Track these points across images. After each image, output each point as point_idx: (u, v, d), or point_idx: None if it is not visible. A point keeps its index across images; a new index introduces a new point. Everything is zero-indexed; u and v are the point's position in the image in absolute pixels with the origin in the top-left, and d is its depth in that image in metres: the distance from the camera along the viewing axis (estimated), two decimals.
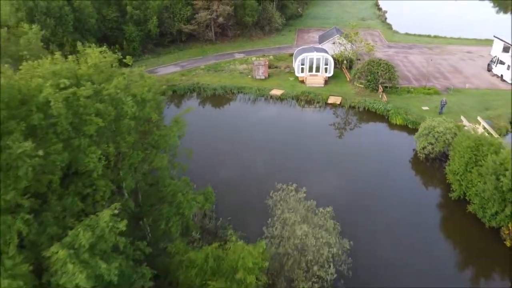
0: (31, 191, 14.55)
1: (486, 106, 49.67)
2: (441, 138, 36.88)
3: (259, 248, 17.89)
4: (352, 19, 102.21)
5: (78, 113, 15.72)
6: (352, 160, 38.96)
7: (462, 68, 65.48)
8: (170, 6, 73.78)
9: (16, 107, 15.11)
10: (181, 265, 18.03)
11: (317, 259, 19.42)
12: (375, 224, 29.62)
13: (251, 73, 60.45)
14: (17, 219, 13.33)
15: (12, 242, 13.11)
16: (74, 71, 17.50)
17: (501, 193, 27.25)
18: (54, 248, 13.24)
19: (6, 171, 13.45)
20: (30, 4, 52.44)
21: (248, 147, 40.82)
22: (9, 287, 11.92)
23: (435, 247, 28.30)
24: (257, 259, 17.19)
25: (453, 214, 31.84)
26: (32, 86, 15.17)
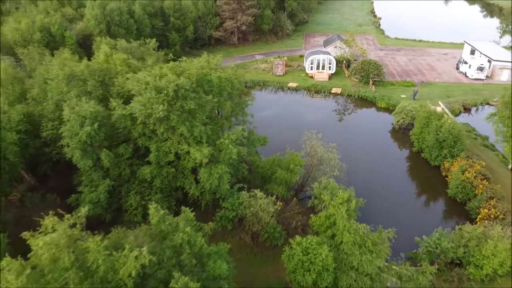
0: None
1: (448, 95, 67.05)
2: (409, 114, 54.30)
3: (298, 156, 35.32)
4: (351, 25, 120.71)
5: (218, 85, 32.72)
6: (348, 130, 56.45)
7: (437, 67, 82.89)
8: (203, 16, 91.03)
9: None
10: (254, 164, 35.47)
11: (329, 167, 36.74)
12: (363, 164, 46.84)
13: (271, 71, 77.91)
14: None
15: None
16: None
17: (439, 143, 44.64)
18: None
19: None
20: (107, 19, 69.76)
21: (280, 117, 58.30)
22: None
23: (402, 177, 45.79)
24: (299, 160, 34.67)
25: (413, 160, 49.24)
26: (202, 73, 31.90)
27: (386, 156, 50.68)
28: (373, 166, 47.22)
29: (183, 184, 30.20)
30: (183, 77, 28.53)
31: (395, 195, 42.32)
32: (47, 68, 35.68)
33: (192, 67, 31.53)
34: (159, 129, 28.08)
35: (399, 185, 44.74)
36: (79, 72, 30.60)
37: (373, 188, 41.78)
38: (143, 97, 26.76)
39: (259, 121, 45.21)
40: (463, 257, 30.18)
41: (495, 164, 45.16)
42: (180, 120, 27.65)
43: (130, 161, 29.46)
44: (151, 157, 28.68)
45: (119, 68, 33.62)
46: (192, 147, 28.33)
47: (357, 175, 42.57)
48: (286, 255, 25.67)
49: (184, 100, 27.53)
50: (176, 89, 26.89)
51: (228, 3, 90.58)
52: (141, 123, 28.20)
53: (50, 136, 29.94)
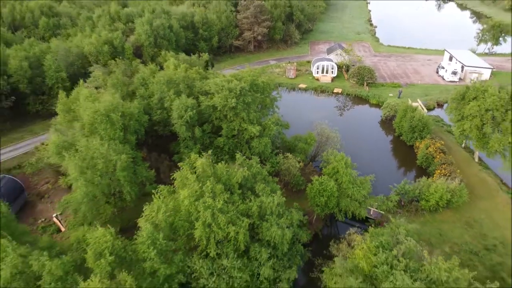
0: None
1: (427, 94, 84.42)
2: (393, 108, 71.73)
3: (312, 134, 52.76)
4: (350, 33, 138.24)
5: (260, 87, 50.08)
6: (347, 120, 73.83)
7: (420, 71, 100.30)
8: (225, 28, 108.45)
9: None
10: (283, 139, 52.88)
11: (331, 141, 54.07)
12: (357, 144, 64.03)
13: (284, 74, 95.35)
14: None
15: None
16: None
17: (412, 128, 61.95)
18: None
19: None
20: (154, 33, 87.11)
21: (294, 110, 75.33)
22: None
23: (386, 152, 63.24)
24: (313, 137, 52.11)
25: (395, 141, 66.60)
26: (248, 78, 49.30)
27: (375, 138, 68.25)
28: (364, 145, 64.71)
29: (241, 149, 47.41)
30: (242, 82, 46.01)
31: (380, 163, 59.62)
32: (143, 75, 53.21)
33: (245, 74, 49.03)
34: (229, 114, 45.42)
35: (383, 157, 62.21)
36: (176, 78, 48.07)
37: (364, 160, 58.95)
38: (221, 94, 44.19)
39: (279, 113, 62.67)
40: (418, 196, 47.57)
41: (452, 143, 62.53)
42: (242, 108, 45.08)
43: (209, 135, 46.78)
44: (223, 132, 46.06)
45: (195, 75, 51.06)
46: (248, 125, 45.75)
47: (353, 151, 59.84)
48: (309, 188, 43.08)
49: (244, 96, 44.97)
50: (240, 89, 44.37)
51: (247, 17, 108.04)
52: (218, 111, 45.61)
53: (158, 119, 47.25)
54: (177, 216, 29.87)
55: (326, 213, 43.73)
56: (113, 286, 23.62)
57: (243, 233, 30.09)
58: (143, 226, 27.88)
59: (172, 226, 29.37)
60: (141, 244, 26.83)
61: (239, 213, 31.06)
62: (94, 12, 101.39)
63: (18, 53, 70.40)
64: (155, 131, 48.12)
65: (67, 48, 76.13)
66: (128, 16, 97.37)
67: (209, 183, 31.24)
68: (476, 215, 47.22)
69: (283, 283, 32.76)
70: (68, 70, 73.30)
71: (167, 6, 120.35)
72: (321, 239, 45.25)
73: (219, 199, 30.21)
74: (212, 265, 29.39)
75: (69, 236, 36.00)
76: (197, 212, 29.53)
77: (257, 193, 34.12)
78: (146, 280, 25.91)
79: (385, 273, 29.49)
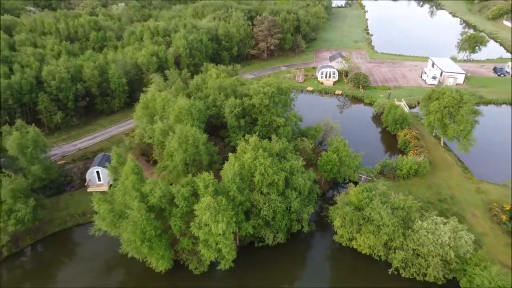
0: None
1: (410, 95, 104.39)
2: (382, 106, 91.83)
3: (320, 125, 72.85)
4: (349, 42, 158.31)
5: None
6: (346, 116, 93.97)
7: (407, 75, 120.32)
8: (243, 39, 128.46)
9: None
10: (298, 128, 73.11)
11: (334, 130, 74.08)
12: (353, 133, 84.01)
13: (294, 78, 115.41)
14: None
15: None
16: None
17: (395, 121, 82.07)
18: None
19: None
20: (190, 46, 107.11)
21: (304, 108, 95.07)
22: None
23: (375, 139, 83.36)
24: (320, 127, 72.22)
25: (382, 131, 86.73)
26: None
27: (367, 129, 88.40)
28: (359, 134, 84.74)
29: (271, 135, 67.13)
30: (272, 87, 66.18)
31: (370, 147, 79.40)
32: (197, 82, 73.40)
33: (272, 81, 69.24)
34: (263, 110, 65.40)
35: (373, 143, 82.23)
36: (224, 85, 68.19)
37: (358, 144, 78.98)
38: (258, 96, 64.25)
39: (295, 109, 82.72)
40: (395, 167, 67.54)
41: (425, 132, 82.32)
42: (272, 106, 65.12)
43: (249, 124, 66.80)
44: (259, 122, 66.04)
45: (236, 82, 71.19)
46: (276, 118, 65.77)
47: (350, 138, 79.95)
48: (319, 160, 63.16)
49: (273, 97, 65.05)
50: (271, 93, 64.52)
51: (262, 30, 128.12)
52: (255, 107, 65.61)
53: (212, 113, 67.24)
54: (243, 169, 49.77)
55: (331, 177, 63.89)
56: (215, 204, 43.43)
57: (282, 180, 50.04)
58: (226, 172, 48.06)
59: (241, 175, 49.20)
60: (227, 182, 46.83)
61: (278, 169, 51.05)
62: (136, 27, 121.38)
63: (89, 63, 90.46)
64: (210, 122, 68.08)
65: (123, 59, 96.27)
66: (165, 31, 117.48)
67: (260, 151, 51.27)
68: (436, 180, 67.27)
69: (304, 214, 52.77)
70: (126, 76, 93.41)
71: (191, 19, 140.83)
72: (327, 196, 65.33)
73: (267, 160, 50.18)
74: (264, 198, 49.37)
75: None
76: (255, 167, 49.48)
77: (288, 159, 54.21)
78: (230, 203, 45.76)
79: (367, 203, 49.63)
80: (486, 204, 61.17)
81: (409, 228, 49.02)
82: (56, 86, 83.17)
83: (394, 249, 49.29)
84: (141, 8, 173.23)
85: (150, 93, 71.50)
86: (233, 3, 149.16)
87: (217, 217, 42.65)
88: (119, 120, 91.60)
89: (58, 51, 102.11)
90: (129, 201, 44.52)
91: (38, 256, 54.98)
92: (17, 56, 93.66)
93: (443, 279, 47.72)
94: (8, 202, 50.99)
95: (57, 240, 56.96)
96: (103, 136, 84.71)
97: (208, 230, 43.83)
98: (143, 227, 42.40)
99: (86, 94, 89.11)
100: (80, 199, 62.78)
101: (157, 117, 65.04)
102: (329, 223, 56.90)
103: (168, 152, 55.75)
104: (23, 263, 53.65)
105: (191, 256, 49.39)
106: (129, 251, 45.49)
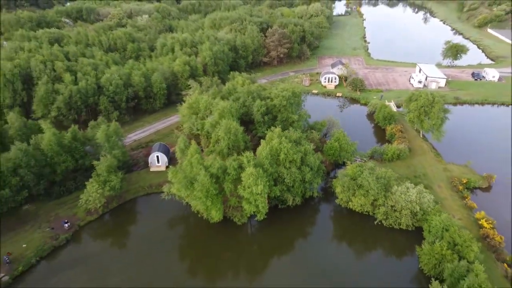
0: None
1: (399, 96, 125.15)
2: (374, 106, 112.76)
3: (325, 121, 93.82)
4: (348, 49, 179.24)
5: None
6: (345, 114, 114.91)
7: (398, 80, 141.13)
8: (257, 49, 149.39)
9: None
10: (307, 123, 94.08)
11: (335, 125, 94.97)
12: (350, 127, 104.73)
13: (301, 83, 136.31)
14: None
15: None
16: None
17: (384, 117, 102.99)
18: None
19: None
20: (215, 56, 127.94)
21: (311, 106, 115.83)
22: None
23: (368, 132, 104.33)
24: (325, 122, 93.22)
25: (375, 127, 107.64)
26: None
27: (362, 124, 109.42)
28: (355, 128, 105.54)
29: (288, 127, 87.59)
30: (288, 91, 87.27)
31: (364, 138, 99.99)
32: (229, 87, 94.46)
33: (288, 87, 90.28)
34: (282, 109, 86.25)
35: (366, 135, 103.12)
36: (251, 90, 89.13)
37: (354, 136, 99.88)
38: (278, 98, 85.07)
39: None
40: (383, 153, 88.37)
41: (408, 127, 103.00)
42: (288, 106, 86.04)
43: (270, 120, 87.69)
44: (278, 118, 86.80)
45: (260, 88, 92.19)
46: (292, 115, 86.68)
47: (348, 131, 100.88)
48: (325, 146, 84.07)
49: (290, 99, 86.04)
50: (288, 96, 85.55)
51: (273, 41, 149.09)
52: (276, 107, 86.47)
53: (243, 111, 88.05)
54: (272, 150, 70.58)
55: (333, 159, 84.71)
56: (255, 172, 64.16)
57: (299, 158, 70.79)
58: (261, 152, 68.96)
59: (271, 154, 69.94)
60: (262, 159, 67.72)
61: (296, 150, 71.85)
62: (166, 39, 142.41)
63: (136, 72, 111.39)
64: (242, 118, 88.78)
65: (162, 67, 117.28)
66: (192, 42, 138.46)
67: (283, 138, 72.24)
68: (413, 162, 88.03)
69: (314, 183, 73.61)
70: (165, 82, 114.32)
71: (209, 30, 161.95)
72: (330, 175, 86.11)
73: (288, 144, 70.99)
74: (287, 171, 70.16)
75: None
76: (280, 149, 70.28)
77: (302, 144, 75.11)
78: (264, 173, 66.52)
79: (359, 174, 70.54)
80: (449, 179, 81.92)
81: (389, 191, 69.80)
82: (113, 90, 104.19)
83: (378, 206, 70.07)
84: (163, 19, 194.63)
85: (193, 96, 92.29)
86: (246, 16, 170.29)
87: (256, 181, 63.41)
88: (160, 117, 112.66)
89: (106, 60, 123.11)
90: (196, 171, 65.40)
91: (122, 214, 75.80)
92: (77, 66, 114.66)
93: (412, 226, 68.41)
94: (104, 175, 71.87)
95: (134, 204, 77.96)
96: (149, 130, 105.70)
97: (250, 191, 64.55)
98: (208, 188, 63.16)
99: (134, 96, 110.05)
100: (145, 176, 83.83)
101: (200, 115, 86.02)
102: (332, 192, 77.59)
103: (215, 140, 76.66)
104: (113, 218, 74.60)
105: (236, 212, 70.29)
106: (197, 205, 66.29)
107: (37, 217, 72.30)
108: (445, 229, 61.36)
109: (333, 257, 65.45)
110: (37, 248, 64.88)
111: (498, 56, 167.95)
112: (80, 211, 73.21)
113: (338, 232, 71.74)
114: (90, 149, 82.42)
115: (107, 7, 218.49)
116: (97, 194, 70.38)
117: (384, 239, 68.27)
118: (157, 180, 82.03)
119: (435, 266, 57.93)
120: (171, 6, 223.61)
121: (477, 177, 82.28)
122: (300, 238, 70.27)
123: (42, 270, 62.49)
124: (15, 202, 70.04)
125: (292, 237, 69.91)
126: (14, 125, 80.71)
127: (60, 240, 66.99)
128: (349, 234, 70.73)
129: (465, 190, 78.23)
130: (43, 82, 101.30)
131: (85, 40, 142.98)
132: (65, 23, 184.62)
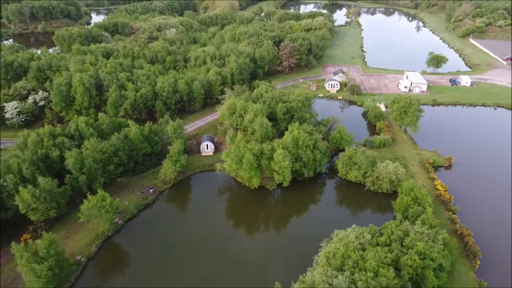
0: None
1: (388, 99, 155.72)
2: (368, 107, 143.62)
3: (329, 118, 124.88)
4: (347, 58, 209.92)
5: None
6: (344, 114, 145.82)
7: (388, 85, 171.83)
8: (272, 59, 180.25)
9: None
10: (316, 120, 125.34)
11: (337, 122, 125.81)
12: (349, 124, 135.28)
13: (309, 88, 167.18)
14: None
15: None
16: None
17: (374, 115, 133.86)
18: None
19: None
20: (240, 67, 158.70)
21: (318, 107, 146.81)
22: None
23: (362, 128, 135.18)
24: (328, 119, 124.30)
25: (368, 123, 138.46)
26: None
27: (358, 121, 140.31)
28: (353, 124, 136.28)
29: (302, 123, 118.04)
30: (302, 96, 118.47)
31: (359, 131, 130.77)
32: (257, 92, 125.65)
33: (302, 92, 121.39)
34: (297, 109, 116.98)
35: (360, 130, 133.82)
36: (275, 95, 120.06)
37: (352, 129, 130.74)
38: (296, 101, 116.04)
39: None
40: (373, 142, 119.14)
41: (393, 123, 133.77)
42: (302, 107, 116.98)
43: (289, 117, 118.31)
44: (295, 117, 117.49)
45: (280, 94, 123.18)
46: (305, 114, 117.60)
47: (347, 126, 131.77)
48: (330, 137, 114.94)
49: (303, 102, 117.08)
50: (302, 100, 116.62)
51: (285, 53, 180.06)
52: (293, 108, 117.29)
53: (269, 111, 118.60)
54: (293, 138, 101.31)
55: (336, 147, 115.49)
56: (283, 152, 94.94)
57: (312, 144, 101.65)
58: (286, 139, 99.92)
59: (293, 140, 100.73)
60: (286, 144, 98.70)
61: (310, 139, 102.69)
62: (198, 53, 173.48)
63: (182, 80, 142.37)
64: (268, 117, 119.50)
65: (200, 76, 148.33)
66: (220, 55, 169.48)
67: (301, 130, 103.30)
68: (395, 149, 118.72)
69: (322, 162, 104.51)
70: (202, 89, 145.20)
71: (230, 43, 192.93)
72: (333, 159, 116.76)
73: (305, 134, 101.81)
74: (304, 152, 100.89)
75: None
76: (299, 137, 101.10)
77: (314, 134, 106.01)
78: (289, 153, 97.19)
79: (354, 154, 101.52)
80: (421, 160, 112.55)
81: (375, 166, 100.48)
82: (165, 95, 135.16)
83: (368, 176, 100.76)
84: (187, 32, 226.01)
85: (231, 100, 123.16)
86: (261, 31, 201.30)
87: (284, 158, 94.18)
88: (199, 117, 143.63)
89: (153, 71, 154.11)
90: (242, 152, 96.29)
91: (187, 184, 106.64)
92: (132, 76, 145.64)
93: (391, 191, 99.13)
94: (175, 156, 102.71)
95: (194, 178, 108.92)
96: (194, 126, 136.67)
97: (280, 165, 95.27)
98: (251, 163, 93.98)
99: (180, 100, 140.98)
100: (199, 159, 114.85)
101: (237, 114, 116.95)
102: (335, 170, 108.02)
103: (251, 131, 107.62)
104: (181, 186, 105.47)
105: (268, 181, 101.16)
106: (244, 175, 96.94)
107: (129, 186, 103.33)
108: (411, 189, 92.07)
109: (336, 212, 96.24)
110: (135, 204, 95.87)
111: (474, 64, 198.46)
112: (158, 182, 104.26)
113: (340, 196, 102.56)
114: (157, 139, 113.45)
115: (137, 21, 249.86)
116: (171, 169, 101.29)
117: (372, 199, 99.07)
118: (208, 161, 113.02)
119: (404, 212, 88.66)
120: (192, 19, 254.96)
121: (441, 159, 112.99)
122: (312, 201, 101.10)
123: (141, 218, 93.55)
124: (115, 174, 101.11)
125: (306, 200, 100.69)
126: (106, 122, 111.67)
127: (149, 200, 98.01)
128: (347, 197, 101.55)
129: (431, 167, 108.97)
130: (113, 90, 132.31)
131: (131, 54, 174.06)
132: (106, 37, 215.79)
